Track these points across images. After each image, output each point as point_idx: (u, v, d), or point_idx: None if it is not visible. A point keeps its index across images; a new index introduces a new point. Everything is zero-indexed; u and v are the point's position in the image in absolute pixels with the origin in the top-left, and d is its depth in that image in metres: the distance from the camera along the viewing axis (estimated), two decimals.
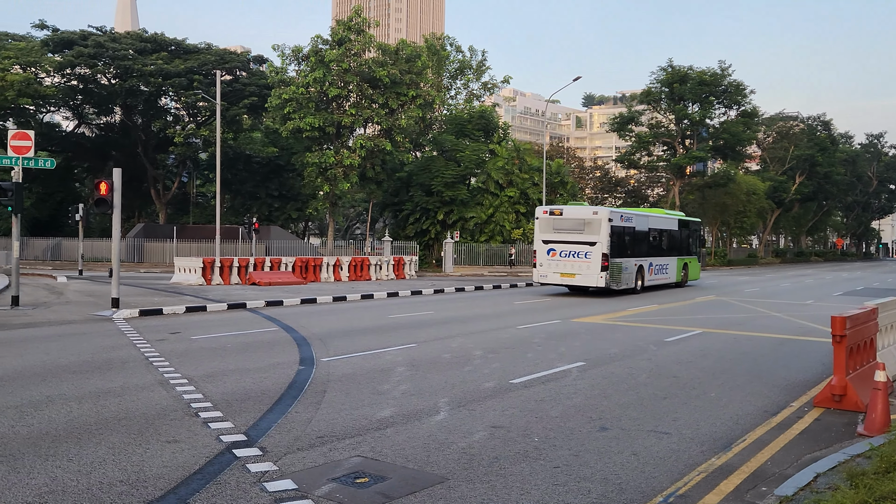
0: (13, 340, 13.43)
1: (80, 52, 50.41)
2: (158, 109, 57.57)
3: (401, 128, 45.34)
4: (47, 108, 58.19)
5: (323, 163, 44.00)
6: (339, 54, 43.54)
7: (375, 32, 47.20)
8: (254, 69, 56.04)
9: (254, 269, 31.03)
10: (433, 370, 10.82)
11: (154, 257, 49.09)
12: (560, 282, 26.35)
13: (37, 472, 5.91)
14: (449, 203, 50.94)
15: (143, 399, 8.63)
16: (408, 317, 18.81)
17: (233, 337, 14.34)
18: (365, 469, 6.19)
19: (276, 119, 45.39)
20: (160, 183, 59.32)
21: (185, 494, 5.51)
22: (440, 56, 56.75)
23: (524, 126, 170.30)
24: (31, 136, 20.06)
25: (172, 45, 54.16)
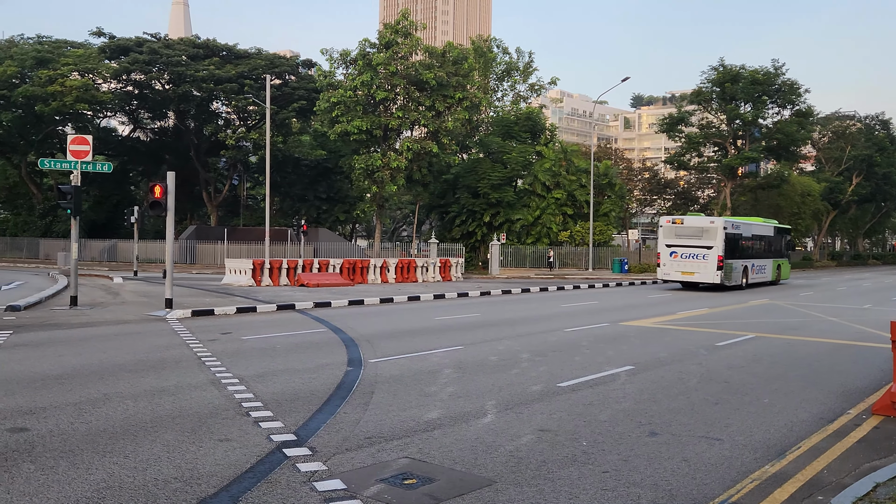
0: (72, 339, 13.83)
1: (136, 58, 51.70)
2: (210, 114, 58.72)
3: (447, 130, 45.44)
4: (104, 114, 59.81)
5: (370, 165, 44.33)
6: (387, 58, 43.83)
7: (422, 35, 47.41)
8: (302, 73, 56.79)
9: (302, 271, 31.42)
10: (480, 372, 10.81)
11: (205, 259, 50.05)
12: (680, 278, 31.53)
13: (95, 468, 6.08)
14: (495, 205, 50.87)
15: (196, 398, 8.80)
16: (454, 319, 18.83)
17: (282, 338, 14.54)
18: (413, 470, 6.22)
19: (324, 122, 45.91)
20: (212, 186, 60.48)
21: (237, 492, 5.60)
22: (487, 58, 56.73)
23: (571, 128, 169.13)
24: (89, 141, 20.61)
25: (224, 50, 55.21)
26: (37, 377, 9.91)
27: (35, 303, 20.77)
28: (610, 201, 54.59)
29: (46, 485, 5.65)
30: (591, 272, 47.22)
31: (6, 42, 59.98)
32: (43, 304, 20.89)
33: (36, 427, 7.32)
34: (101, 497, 5.42)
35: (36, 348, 12.62)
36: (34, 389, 9.10)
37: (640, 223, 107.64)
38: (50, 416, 7.75)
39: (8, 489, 5.53)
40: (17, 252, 59.35)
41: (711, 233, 30.49)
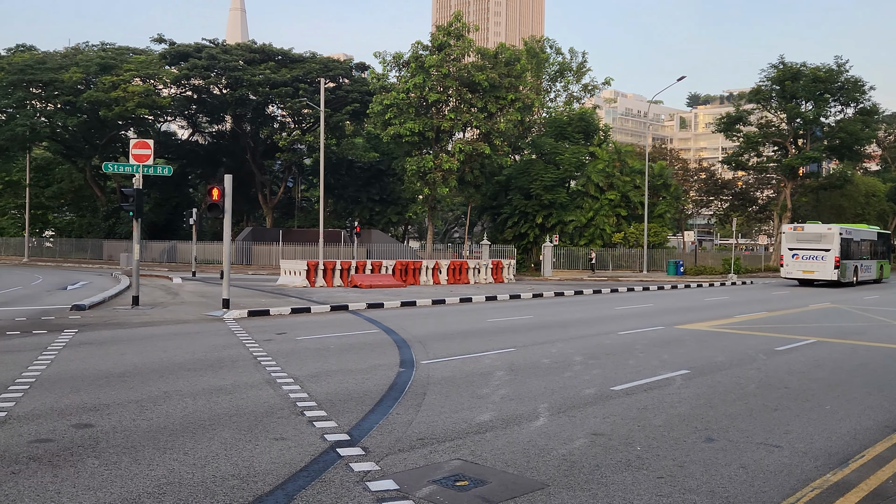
0: (134, 338, 14.23)
1: (195, 63, 52.92)
2: (266, 117, 59.77)
3: (500, 131, 45.35)
4: (164, 118, 61.35)
5: (422, 167, 44.52)
6: (439, 59, 43.97)
7: (475, 37, 47.46)
8: (356, 76, 57.39)
9: (355, 272, 31.73)
10: (532, 375, 10.76)
11: (261, 260, 50.94)
12: (802, 276, 37.10)
13: (156, 464, 6.24)
14: (548, 206, 50.57)
15: (252, 397, 8.96)
16: (506, 321, 18.78)
17: (336, 338, 14.71)
18: (465, 472, 6.23)
19: (377, 124, 46.27)
20: (267, 188, 61.54)
21: (292, 491, 5.69)
22: (539, 59, 56.46)
23: (625, 128, 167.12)
24: (150, 145, 21.18)
25: (279, 54, 56.13)
26: (101, 375, 10.23)
27: (99, 302, 21.44)
28: (665, 202, 53.75)
29: (110, 479, 5.82)
30: (645, 274, 46.56)
31: (72, 49, 62.04)
32: (106, 304, 21.55)
33: (100, 423, 7.55)
34: (162, 493, 5.57)
35: (100, 347, 13.02)
36: (98, 387, 9.39)
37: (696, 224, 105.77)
38: (113, 413, 7.98)
39: (74, 483, 5.72)
40: (81, 253, 61.35)
41: (829, 238, 36.06)
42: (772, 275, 53.71)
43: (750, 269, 53.95)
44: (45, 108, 57.77)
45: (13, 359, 11.43)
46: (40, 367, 10.64)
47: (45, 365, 10.87)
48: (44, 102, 57.60)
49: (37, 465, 6.12)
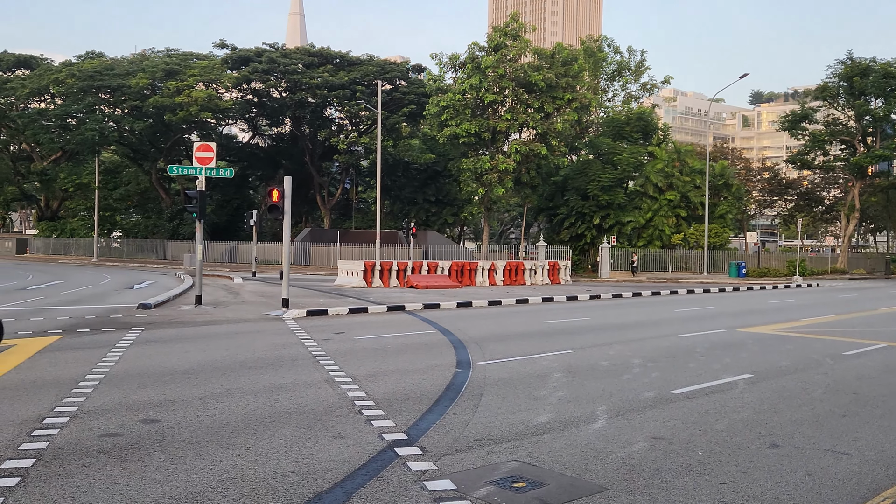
0: (197, 336, 14.59)
1: (255, 68, 53.97)
2: (324, 119, 60.59)
3: (556, 132, 45.06)
4: (226, 121, 62.75)
5: (478, 168, 44.53)
6: (495, 60, 43.93)
7: (531, 37, 47.24)
8: (412, 78, 57.71)
9: (411, 273, 31.91)
10: (590, 377, 10.65)
11: (319, 260, 51.64)
12: None
13: (219, 459, 6.38)
14: (605, 207, 50.01)
15: (312, 395, 9.09)
16: (563, 322, 18.64)
17: (392, 338, 14.81)
18: (522, 474, 6.20)
19: (433, 126, 46.48)
20: (325, 189, 62.38)
21: (351, 488, 5.75)
22: (597, 58, 55.91)
23: (685, 127, 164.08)
24: (213, 148, 21.67)
25: (337, 58, 56.84)
26: (166, 372, 10.51)
27: (164, 301, 22.04)
28: (726, 203, 52.63)
29: (175, 474, 5.98)
30: (705, 276, 45.65)
31: (139, 56, 64.01)
32: (171, 303, 22.14)
33: (165, 419, 7.76)
34: (225, 487, 5.69)
35: (165, 344, 13.39)
36: (164, 383, 9.66)
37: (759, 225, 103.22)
38: (178, 409, 8.19)
39: (141, 476, 5.89)
40: (147, 253, 63.16)
41: None
42: (839, 277, 52.04)
43: (816, 272, 52.43)
44: (113, 112, 59.69)
45: (84, 355, 11.84)
46: (109, 364, 10.99)
47: (114, 361, 11.22)
48: (112, 107, 59.54)
49: (106, 459, 6.33)
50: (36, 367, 10.67)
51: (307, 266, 50.55)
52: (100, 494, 5.47)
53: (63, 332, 14.87)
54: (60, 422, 7.51)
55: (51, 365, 10.89)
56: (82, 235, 69.49)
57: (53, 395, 8.78)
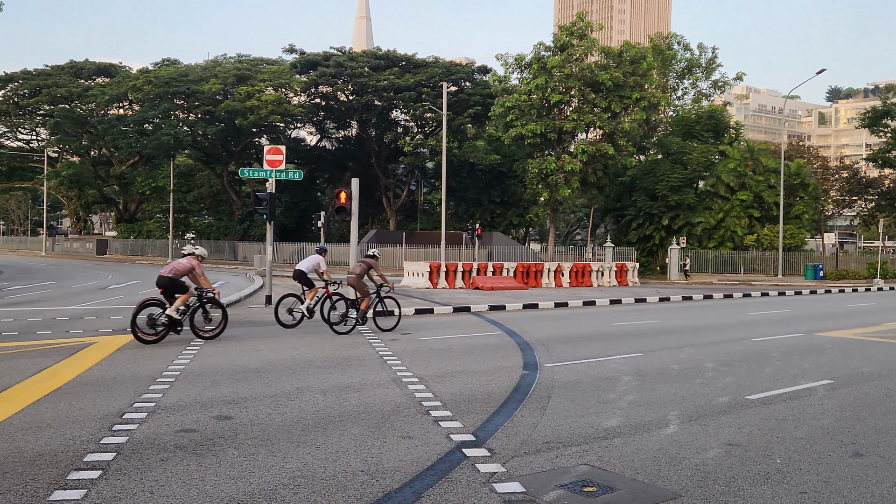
0: (268, 336, 14.87)
1: (323, 72, 54.85)
2: (390, 122, 61.15)
3: (624, 131, 44.39)
4: (294, 125, 63.94)
5: (544, 169, 44.22)
6: (562, 60, 43.56)
7: (598, 35, 46.67)
8: (477, 79, 57.74)
9: (477, 274, 31.88)
10: (661, 381, 10.42)
11: (384, 261, 51.91)
12: None
13: (290, 457, 6.48)
14: (674, 208, 49.02)
15: (379, 395, 9.15)
16: (632, 325, 18.33)
17: (458, 339, 14.81)
18: (592, 478, 6.09)
19: (498, 127, 46.36)
20: (391, 191, 62.92)
21: (419, 489, 5.75)
22: (666, 56, 54.86)
23: (758, 125, 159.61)
24: (282, 151, 22.10)
25: (403, 60, 57.28)
26: (238, 370, 10.74)
27: (235, 301, 22.57)
28: (802, 203, 50.93)
29: (248, 470, 6.09)
30: (780, 278, 44.28)
31: (211, 62, 65.83)
32: (242, 303, 22.65)
33: (238, 416, 7.92)
34: (297, 485, 5.76)
35: (237, 343, 13.69)
36: (236, 381, 9.87)
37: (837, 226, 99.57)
38: (250, 407, 8.35)
39: (216, 472, 6.02)
40: (219, 254, 64.87)
41: None
42: None
43: None
44: (187, 118, 61.54)
45: (161, 352, 12.21)
46: (184, 361, 11.30)
47: (189, 359, 11.53)
48: (186, 113, 61.39)
49: (182, 454, 6.49)
50: (116, 364, 11.06)
51: None
52: (177, 489, 5.61)
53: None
54: (139, 417, 7.75)
55: (129, 362, 11.26)
56: (158, 237, 71.84)
57: (132, 391, 9.07)
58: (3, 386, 9.28)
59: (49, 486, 5.60)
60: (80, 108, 70.38)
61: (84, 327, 15.70)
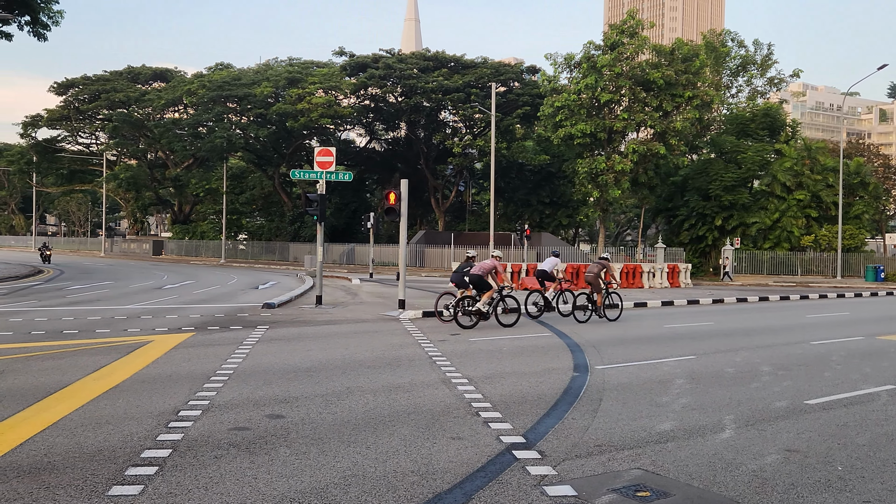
0: (319, 335, 15.02)
1: (372, 74, 55.24)
2: (438, 123, 61.25)
3: (676, 130, 43.68)
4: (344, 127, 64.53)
5: (594, 169, 43.79)
6: (612, 59, 43.08)
7: (649, 34, 46.02)
8: (526, 79, 57.50)
9: (525, 275, 31.70)
10: (715, 384, 10.20)
11: (433, 262, 52.23)
12: None
13: (341, 456, 6.51)
14: (728, 208, 48.06)
15: (429, 396, 9.15)
16: (685, 327, 18.00)
17: (508, 340, 14.73)
18: (646, 482, 5.98)
19: (547, 127, 46.05)
20: (439, 192, 63.03)
21: (470, 490, 5.72)
22: (719, 53, 53.81)
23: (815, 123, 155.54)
24: (332, 153, 22.30)
25: (451, 61, 57.34)
26: (289, 369, 10.86)
27: (286, 301, 22.86)
28: (862, 202, 49.46)
29: (300, 469, 6.14)
30: (839, 280, 43.06)
31: (263, 65, 66.86)
32: (293, 303, 22.93)
33: (290, 415, 8.00)
34: (348, 484, 5.79)
35: (288, 342, 13.85)
36: (287, 380, 9.98)
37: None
38: (301, 406, 8.43)
39: (268, 470, 6.09)
40: (270, 255, 65.86)
41: None
42: None
43: None
44: (239, 120, 62.64)
45: (214, 351, 12.42)
46: (237, 360, 11.47)
47: (241, 358, 11.70)
48: (238, 116, 62.48)
49: (236, 452, 6.58)
50: (171, 362, 11.28)
51: (422, 268, 51.23)
52: (230, 486, 5.68)
53: (195, 329, 15.67)
54: (194, 414, 7.89)
55: (185, 360, 11.49)
56: (211, 238, 73.27)
57: (187, 388, 9.24)
58: (65, 383, 9.55)
59: (108, 481, 5.73)
60: (137, 112, 72.24)
61: (141, 326, 16.08)
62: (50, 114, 76.61)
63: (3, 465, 6.11)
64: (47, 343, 13.19)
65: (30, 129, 78.95)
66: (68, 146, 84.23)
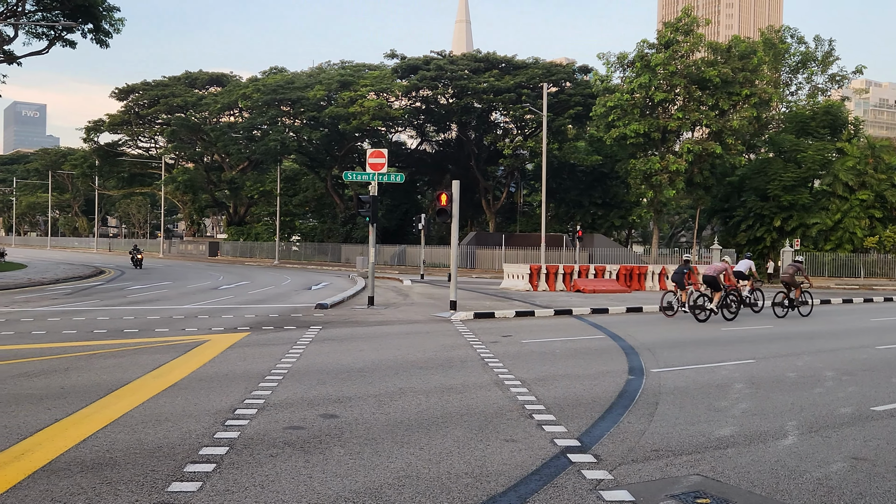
0: (371, 336, 15.10)
1: (424, 75, 55.43)
2: (489, 124, 61.17)
3: (732, 129, 42.79)
4: (395, 129, 64.92)
5: (648, 169, 43.17)
6: (666, 57, 42.42)
7: (705, 31, 45.18)
8: (578, 79, 57.02)
9: (578, 277, 31.42)
10: (776, 389, 9.92)
11: (484, 263, 52.13)
12: None
13: (394, 457, 6.51)
14: (787, 208, 46.83)
15: (481, 397, 9.10)
16: (742, 330, 17.58)
17: (561, 342, 14.59)
18: (706, 489, 5.83)
19: (599, 127, 45.57)
20: (490, 193, 62.93)
21: (524, 493, 5.66)
22: (778, 50, 52.52)
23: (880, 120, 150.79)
24: (384, 154, 22.42)
25: (502, 62, 57.20)
26: (342, 369, 10.93)
27: (339, 302, 23.07)
28: None
29: (354, 468, 6.15)
30: None
31: (316, 69, 67.69)
32: (345, 304, 23.12)
33: (343, 414, 8.04)
34: (402, 485, 5.78)
35: (341, 343, 13.95)
36: (341, 380, 10.04)
37: None
38: (354, 406, 8.47)
39: (323, 469, 6.12)
40: (322, 256, 66.61)
41: None
42: None
43: None
44: (292, 123, 63.54)
45: (269, 351, 12.58)
46: (291, 360, 11.59)
47: (295, 358, 11.83)
48: (292, 119, 63.40)
49: (291, 451, 6.63)
50: (227, 361, 11.46)
51: (472, 269, 51.18)
52: (286, 485, 5.72)
53: (250, 329, 15.91)
54: (250, 413, 7.98)
55: (240, 359, 11.66)
56: (265, 239, 74.47)
57: (243, 387, 9.37)
58: (126, 380, 9.78)
59: (167, 478, 5.83)
60: (194, 116, 73.93)
61: (198, 326, 16.40)
62: (111, 119, 78.95)
63: (67, 460, 6.27)
64: (109, 341, 13.54)
65: (92, 133, 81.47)
66: (129, 150, 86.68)
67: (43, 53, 39.67)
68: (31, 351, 12.33)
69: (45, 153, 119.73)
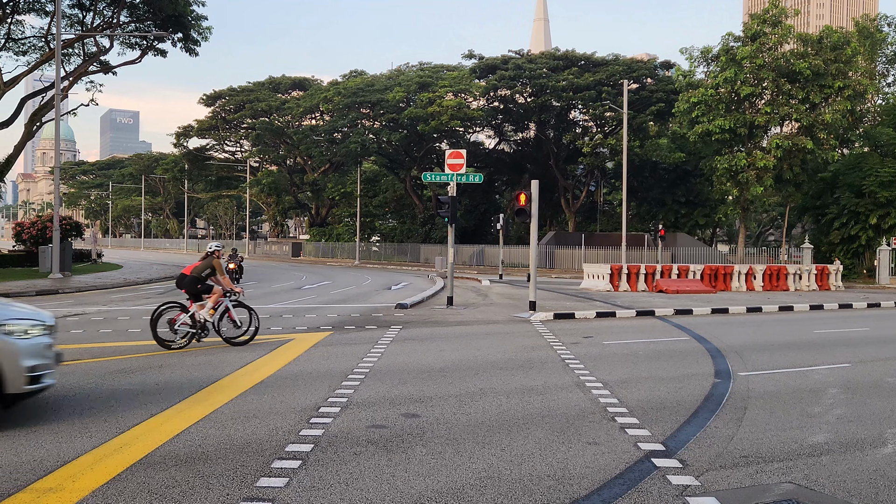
0: (450, 336, 15.17)
1: (502, 75, 55.29)
2: (568, 122, 60.56)
3: (825, 123, 41.03)
4: (473, 129, 65.03)
5: (733, 166, 41.85)
6: (753, 50, 41.03)
7: (794, 22, 43.50)
8: (660, 75, 55.83)
9: (660, 277, 30.76)
10: (874, 395, 9.47)
11: (563, 263, 51.64)
12: None
13: (476, 457, 6.51)
14: (885, 205, 44.52)
15: (563, 399, 9.01)
16: (837, 332, 16.86)
17: (643, 344, 14.32)
18: (799, 498, 5.62)
19: (682, 124, 44.44)
20: (569, 192, 62.30)
21: (608, 497, 5.58)
22: (874, 39, 50.02)
23: None
24: (463, 155, 22.48)
25: (582, 60, 56.53)
26: (423, 369, 11.02)
27: (418, 302, 23.26)
28: None
29: (436, 468, 6.19)
30: None
31: (395, 71, 68.45)
32: (425, 304, 23.30)
33: (424, 414, 8.10)
34: (483, 486, 5.78)
35: (421, 343, 14.07)
36: (421, 380, 10.12)
37: None
38: (436, 405, 8.52)
39: (405, 468, 6.18)
40: (402, 256, 67.31)
41: None
42: None
43: None
44: (372, 125, 64.45)
45: (351, 350, 12.80)
46: (373, 359, 11.76)
47: (377, 357, 11.99)
48: (371, 121, 64.30)
49: (374, 449, 6.73)
50: (311, 360, 11.72)
51: (552, 269, 50.76)
52: (369, 483, 5.81)
53: (333, 328, 16.22)
54: (333, 411, 8.14)
55: (323, 358, 11.90)
56: (346, 240, 75.79)
57: (326, 386, 9.56)
58: (216, 377, 10.12)
59: (256, 473, 6.01)
60: (278, 120, 75.89)
61: (282, 325, 16.82)
62: (199, 124, 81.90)
63: (162, 453, 6.53)
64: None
65: (182, 138, 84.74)
66: (216, 154, 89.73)
67: (136, 63, 41.42)
68: (127, 348, 12.90)
69: (138, 158, 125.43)
